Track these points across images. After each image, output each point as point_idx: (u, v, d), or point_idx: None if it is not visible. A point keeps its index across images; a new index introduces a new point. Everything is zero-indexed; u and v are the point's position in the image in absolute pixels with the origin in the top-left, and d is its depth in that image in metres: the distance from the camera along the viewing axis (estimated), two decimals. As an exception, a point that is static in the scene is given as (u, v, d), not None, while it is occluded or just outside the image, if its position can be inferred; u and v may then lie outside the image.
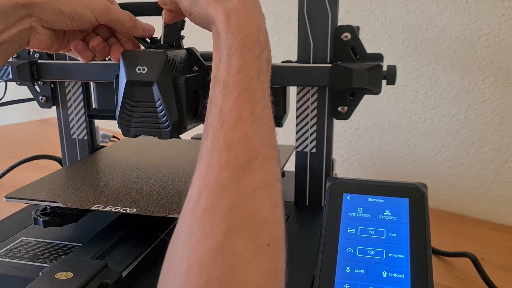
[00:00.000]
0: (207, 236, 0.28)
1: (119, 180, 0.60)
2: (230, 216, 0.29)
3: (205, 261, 0.27)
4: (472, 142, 0.81)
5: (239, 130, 0.33)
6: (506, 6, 0.73)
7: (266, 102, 0.37)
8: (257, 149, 0.33)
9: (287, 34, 0.99)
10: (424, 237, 0.43)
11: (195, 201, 0.30)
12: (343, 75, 0.55)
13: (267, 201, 0.31)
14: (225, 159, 0.32)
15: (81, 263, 0.44)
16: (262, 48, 0.40)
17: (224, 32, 0.40)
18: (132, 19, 0.51)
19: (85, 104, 0.70)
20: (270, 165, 0.33)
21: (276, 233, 0.30)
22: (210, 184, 0.31)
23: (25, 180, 0.86)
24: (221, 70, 0.38)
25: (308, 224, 0.59)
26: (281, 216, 0.32)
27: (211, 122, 0.35)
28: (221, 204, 0.30)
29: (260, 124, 0.35)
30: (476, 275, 0.60)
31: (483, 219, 0.82)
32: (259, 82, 0.37)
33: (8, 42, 0.45)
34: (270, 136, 0.36)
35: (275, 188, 0.33)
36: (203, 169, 0.32)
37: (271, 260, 0.29)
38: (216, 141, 0.33)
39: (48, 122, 1.52)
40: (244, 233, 0.28)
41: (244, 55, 0.38)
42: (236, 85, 0.36)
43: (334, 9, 0.57)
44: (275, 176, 0.33)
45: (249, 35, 0.39)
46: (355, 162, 0.96)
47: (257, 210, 0.30)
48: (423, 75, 0.84)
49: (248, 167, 0.32)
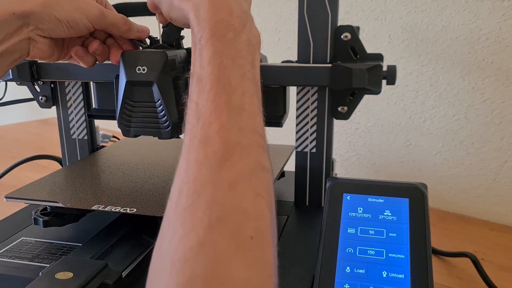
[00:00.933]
0: (188, 233, 0.28)
1: (119, 180, 0.60)
2: (211, 212, 0.29)
3: (188, 258, 0.27)
4: (472, 142, 0.81)
5: (214, 123, 0.33)
6: (506, 6, 0.73)
7: (246, 87, 0.36)
8: (235, 139, 0.32)
9: (287, 34, 0.99)
10: (424, 237, 0.43)
11: (176, 200, 0.30)
12: (343, 75, 0.55)
13: (248, 192, 0.30)
14: (202, 154, 0.32)
15: (81, 263, 0.44)
16: (236, 32, 0.38)
17: (195, 25, 0.39)
18: (127, 22, 0.51)
19: (85, 104, 0.70)
20: (252, 154, 0.32)
21: (260, 225, 0.30)
22: (190, 181, 0.31)
23: (25, 180, 0.86)
24: (195, 65, 0.37)
25: (308, 224, 0.59)
26: (266, 206, 0.31)
27: (188, 119, 0.35)
28: (201, 200, 0.29)
29: (239, 113, 0.34)
30: (476, 275, 0.60)
31: (483, 219, 0.82)
32: (235, 68, 0.36)
33: (7, 53, 0.45)
34: (253, 123, 0.34)
35: (258, 177, 0.32)
36: (182, 166, 0.32)
37: (255, 252, 0.28)
38: (193, 137, 0.33)
39: (48, 122, 1.52)
40: (225, 227, 0.28)
41: (214, 44, 0.37)
42: (209, 77, 0.35)
43: (334, 9, 0.57)
44: (259, 165, 0.32)
45: (218, 23, 0.38)
46: (355, 162, 0.96)
47: (238, 203, 0.30)
48: (423, 75, 0.84)
49: (226, 160, 0.31)
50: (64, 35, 0.47)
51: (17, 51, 0.46)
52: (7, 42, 0.44)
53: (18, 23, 0.44)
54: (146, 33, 0.53)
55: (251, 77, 0.37)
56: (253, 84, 0.37)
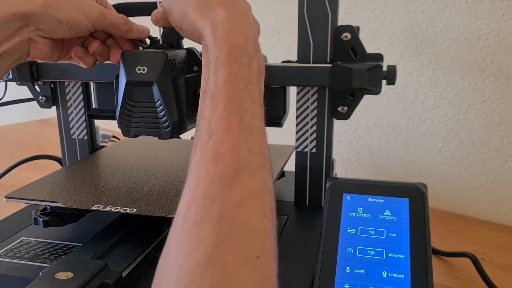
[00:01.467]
0: (196, 249, 0.28)
1: (119, 180, 0.60)
2: (219, 228, 0.29)
3: (194, 274, 0.27)
4: (472, 142, 0.81)
5: (226, 142, 0.33)
6: (506, 6, 0.73)
7: (256, 111, 0.37)
8: (245, 159, 0.33)
9: (287, 34, 0.99)
10: (424, 237, 0.43)
11: (184, 214, 0.30)
12: (343, 75, 0.55)
13: (256, 211, 0.31)
14: (212, 171, 0.32)
15: (81, 263, 0.44)
16: (250, 58, 0.39)
17: (211, 44, 0.40)
18: (127, 22, 0.51)
19: (85, 104, 0.70)
20: (260, 175, 0.33)
21: (266, 244, 0.30)
22: (199, 196, 0.31)
23: (25, 180, 0.86)
24: (209, 83, 0.38)
25: (308, 224, 0.59)
26: (271, 227, 0.31)
27: (199, 136, 0.35)
28: (209, 216, 0.29)
29: (249, 134, 0.35)
30: (476, 275, 0.60)
31: (483, 219, 0.82)
32: (248, 92, 0.37)
33: (7, 54, 0.45)
34: (260, 145, 0.35)
35: (264, 198, 0.32)
36: (192, 182, 0.32)
37: (261, 271, 0.28)
38: (204, 153, 0.33)
39: (48, 122, 1.52)
40: (233, 244, 0.28)
41: (230, 66, 0.38)
42: (223, 96, 0.36)
43: (334, 9, 0.57)
44: (266, 187, 0.33)
45: (235, 46, 0.39)
46: (355, 162, 0.96)
47: (246, 220, 0.30)
48: (423, 75, 0.84)
49: (236, 178, 0.31)
50: (65, 35, 0.47)
51: (18, 52, 0.46)
52: (7, 43, 0.44)
53: (18, 24, 0.44)
54: (146, 33, 0.53)
55: (259, 102, 0.38)
56: (261, 110, 0.38)
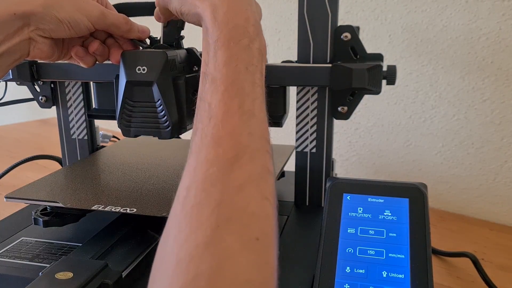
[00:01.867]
0: (195, 231, 0.28)
1: (119, 180, 0.60)
2: (219, 211, 0.29)
3: (193, 256, 0.27)
4: (472, 142, 0.81)
5: (227, 125, 0.33)
6: (506, 6, 0.73)
7: (257, 93, 0.37)
8: (245, 143, 0.33)
9: (287, 34, 0.99)
10: (424, 237, 0.43)
11: (184, 197, 0.31)
12: (343, 75, 0.55)
13: (256, 195, 0.31)
14: (213, 154, 0.32)
15: (81, 263, 0.44)
16: (251, 39, 0.39)
17: (211, 26, 0.39)
18: (128, 22, 0.51)
19: (85, 104, 0.70)
20: (260, 158, 0.33)
21: (265, 227, 0.30)
22: (199, 179, 0.31)
23: (25, 180, 0.86)
24: (209, 65, 0.38)
25: (308, 224, 0.59)
26: (272, 210, 0.31)
27: (200, 118, 0.35)
28: (209, 199, 0.30)
29: (250, 117, 0.34)
30: (476, 275, 0.60)
31: (483, 219, 0.82)
32: (248, 74, 0.37)
33: (8, 53, 0.45)
34: (261, 128, 0.35)
35: (265, 181, 0.32)
36: (191, 165, 0.32)
37: (260, 254, 0.29)
38: (204, 136, 0.33)
39: (48, 122, 1.52)
40: (232, 227, 0.28)
41: (230, 48, 0.37)
42: (223, 79, 0.36)
43: (334, 9, 0.57)
44: (266, 170, 0.33)
45: (235, 27, 0.39)
46: (355, 162, 0.96)
47: (246, 204, 0.30)
48: (423, 75, 0.84)
49: (236, 161, 0.32)
50: (65, 35, 0.47)
51: (18, 52, 0.46)
52: (7, 43, 0.44)
53: (19, 23, 0.44)
54: (146, 33, 0.53)
55: (260, 84, 0.38)
56: (262, 92, 0.38)
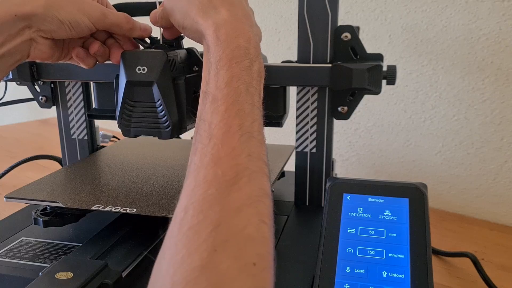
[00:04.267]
0: (192, 254, 0.27)
1: (119, 180, 0.60)
2: (216, 234, 0.28)
3: (189, 280, 0.26)
4: (472, 142, 0.81)
5: (226, 145, 0.33)
6: (506, 6, 0.73)
7: (256, 115, 0.37)
8: (244, 164, 0.33)
9: (287, 34, 0.99)
10: (424, 237, 0.43)
11: (181, 218, 0.30)
12: (343, 75, 0.55)
13: (254, 218, 0.30)
14: (212, 174, 0.32)
15: (81, 263, 0.44)
16: (252, 61, 0.39)
17: (213, 45, 0.40)
18: (130, 21, 0.51)
19: (85, 104, 0.70)
20: (258, 180, 0.33)
21: (262, 251, 0.29)
22: (197, 200, 0.30)
23: (25, 180, 0.86)
24: (210, 84, 0.37)
25: (308, 224, 0.59)
26: (269, 233, 0.31)
27: (199, 138, 0.35)
28: (207, 221, 0.29)
29: (249, 139, 0.34)
30: (476, 275, 0.60)
31: (483, 219, 0.82)
32: (248, 96, 0.37)
33: (9, 54, 0.45)
34: (259, 150, 0.35)
35: (263, 204, 0.32)
36: (190, 185, 0.32)
37: (257, 279, 0.28)
38: (203, 156, 0.33)
39: (48, 122, 1.52)
40: (229, 251, 0.28)
41: (232, 68, 0.38)
42: (225, 99, 0.36)
43: (334, 9, 0.57)
44: (264, 192, 0.33)
45: (238, 48, 0.39)
46: (355, 162, 0.96)
47: (243, 227, 0.29)
48: (423, 75, 0.84)
49: (235, 183, 0.31)
50: (66, 36, 0.47)
51: (19, 53, 0.46)
52: (8, 44, 0.44)
53: (20, 25, 0.44)
54: (149, 32, 0.53)
55: (259, 106, 0.38)
56: (260, 114, 0.38)
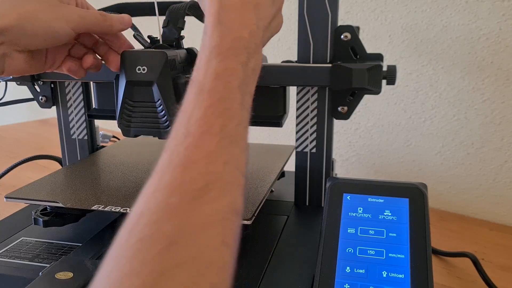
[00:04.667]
0: (134, 274, 0.23)
1: (119, 180, 0.60)
2: (167, 254, 0.24)
3: None
4: (472, 142, 0.81)
5: (202, 148, 0.29)
6: (506, 6, 0.73)
7: (242, 117, 0.32)
8: (218, 173, 0.28)
9: (287, 34, 0.99)
10: (424, 237, 0.43)
11: (133, 225, 0.26)
12: (343, 75, 0.55)
13: (216, 239, 0.26)
14: (178, 180, 0.27)
15: (81, 263, 0.44)
16: (250, 56, 0.35)
17: (211, 27, 0.35)
18: (106, 18, 0.48)
19: (85, 104, 0.70)
20: (231, 194, 0.28)
21: (218, 281, 0.25)
22: (154, 207, 0.26)
23: (25, 180, 0.86)
24: (199, 71, 0.33)
25: (308, 224, 0.59)
26: (229, 258, 0.26)
27: (175, 133, 0.30)
28: (160, 235, 0.24)
29: (230, 144, 0.30)
30: (476, 275, 0.60)
31: (483, 219, 0.82)
32: (239, 94, 0.33)
33: None
34: (239, 158, 0.30)
35: (230, 223, 0.27)
36: (151, 186, 0.28)
37: None
38: (174, 156, 0.29)
39: (48, 122, 1.52)
40: (178, 278, 0.23)
41: (227, 59, 0.33)
42: (211, 93, 0.31)
43: (334, 9, 0.57)
44: (233, 208, 0.28)
45: (238, 39, 0.35)
46: (355, 162, 0.96)
47: (202, 250, 0.25)
48: (423, 75, 0.84)
49: (203, 195, 0.27)
50: (44, 46, 0.45)
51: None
52: None
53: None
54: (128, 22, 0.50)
55: (248, 108, 0.34)
56: (248, 115, 0.34)
